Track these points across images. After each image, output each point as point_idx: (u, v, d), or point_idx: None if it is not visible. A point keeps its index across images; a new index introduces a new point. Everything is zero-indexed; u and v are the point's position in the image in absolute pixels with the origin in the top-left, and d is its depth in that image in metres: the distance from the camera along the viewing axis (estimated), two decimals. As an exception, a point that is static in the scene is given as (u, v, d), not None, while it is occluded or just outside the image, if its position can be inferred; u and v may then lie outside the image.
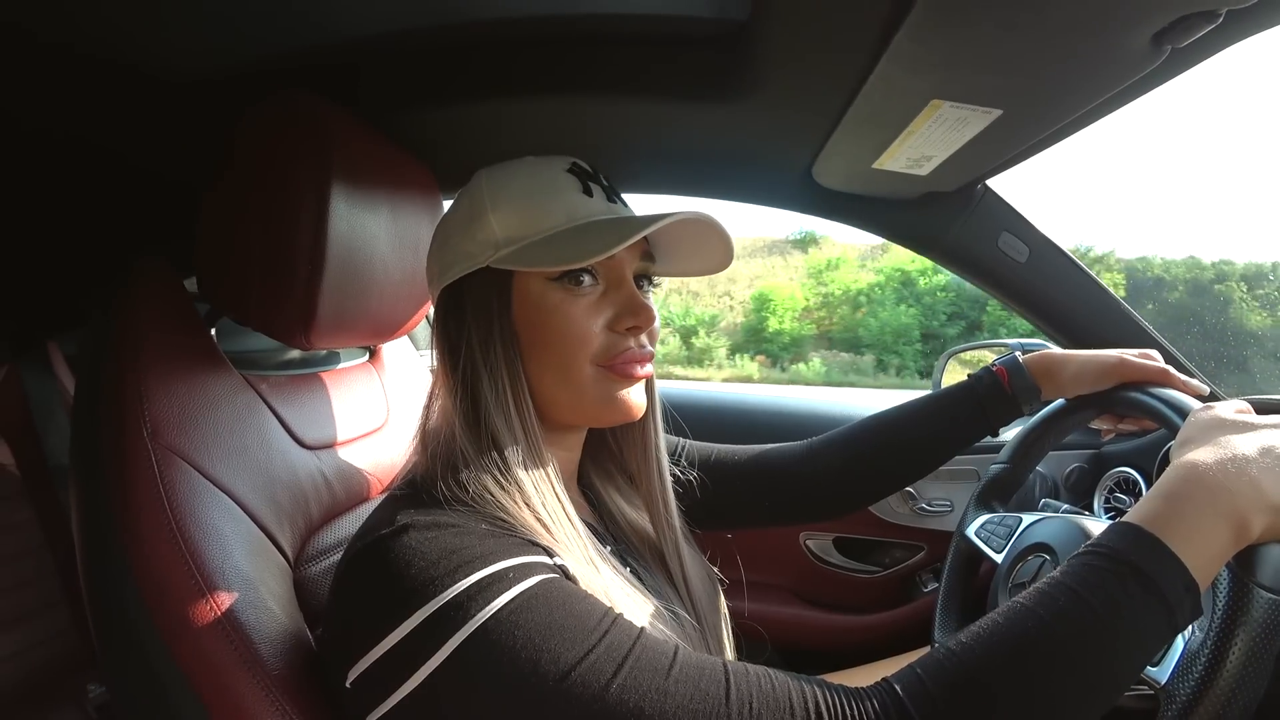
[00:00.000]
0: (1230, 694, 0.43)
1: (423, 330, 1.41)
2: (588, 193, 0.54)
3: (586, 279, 0.52)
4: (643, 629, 0.41)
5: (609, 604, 0.44)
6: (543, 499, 0.48)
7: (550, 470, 0.50)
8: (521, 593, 0.40)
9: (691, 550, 0.66)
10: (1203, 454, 0.45)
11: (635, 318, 0.52)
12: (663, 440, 0.63)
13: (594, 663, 0.38)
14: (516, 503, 0.46)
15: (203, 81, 0.70)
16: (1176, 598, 0.39)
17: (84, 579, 0.47)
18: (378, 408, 0.79)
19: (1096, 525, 0.63)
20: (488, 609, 0.39)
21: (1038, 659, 0.38)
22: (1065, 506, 0.84)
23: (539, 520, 0.46)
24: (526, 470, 0.48)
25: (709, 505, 0.72)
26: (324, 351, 0.81)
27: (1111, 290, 1.02)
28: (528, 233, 0.51)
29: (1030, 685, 0.38)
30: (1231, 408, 0.50)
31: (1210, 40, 0.54)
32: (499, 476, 0.47)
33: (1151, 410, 0.61)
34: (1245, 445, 0.45)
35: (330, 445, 0.68)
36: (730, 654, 0.65)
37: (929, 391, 0.79)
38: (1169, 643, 0.43)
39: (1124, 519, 0.43)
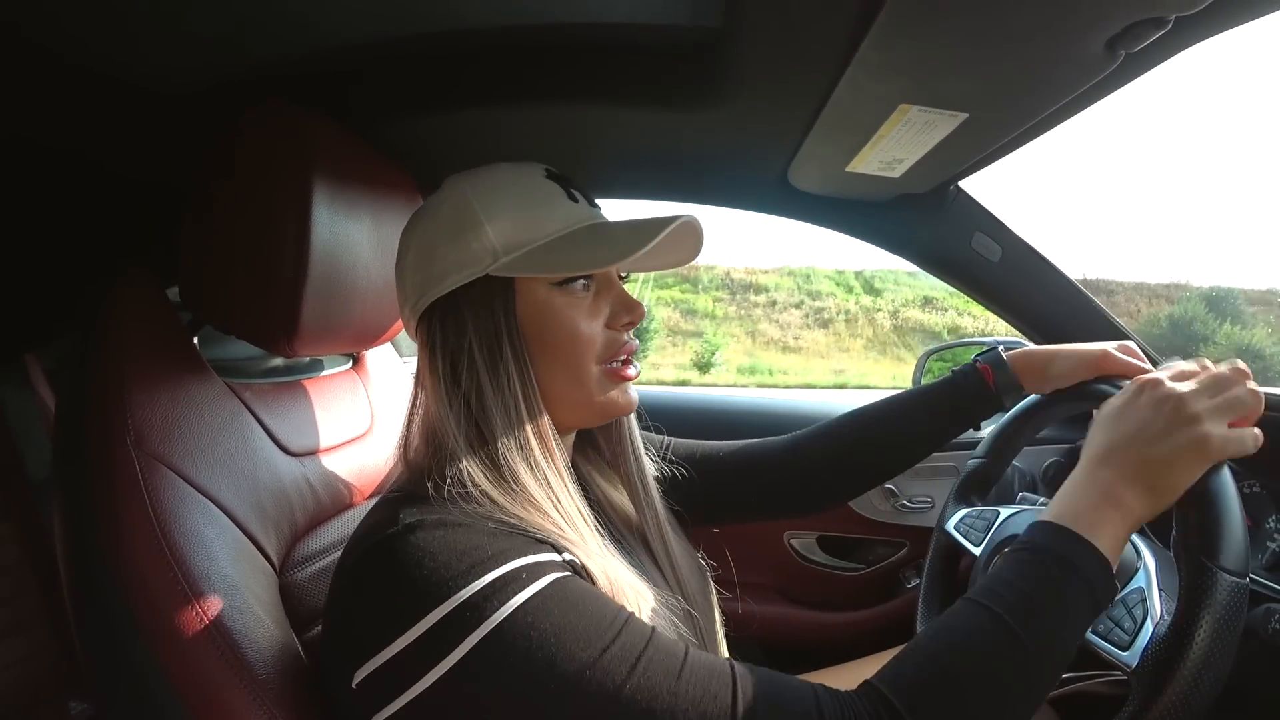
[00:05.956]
0: (1197, 675, 0.44)
1: (405, 337, 1.41)
2: (572, 199, 0.55)
3: (584, 283, 0.53)
4: (654, 629, 0.42)
5: (623, 600, 0.44)
6: (556, 501, 0.48)
7: (563, 469, 0.51)
8: (536, 592, 0.40)
9: (678, 537, 0.66)
10: (1094, 446, 0.51)
11: (630, 314, 0.55)
12: (635, 422, 0.65)
13: (608, 663, 0.38)
14: (524, 506, 0.46)
15: (187, 92, 0.70)
16: (1095, 576, 0.45)
17: (67, 587, 0.46)
18: (361, 414, 0.80)
19: None
20: (503, 609, 0.38)
21: (996, 647, 0.43)
22: (1042, 500, 0.86)
23: (550, 521, 0.47)
24: (537, 472, 0.49)
25: (697, 500, 0.72)
26: (307, 359, 0.81)
27: (1083, 288, 1.05)
28: (527, 239, 0.51)
29: (992, 672, 0.42)
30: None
31: (1161, 46, 0.56)
32: (505, 482, 0.47)
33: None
34: (1128, 428, 0.50)
35: (314, 452, 0.68)
36: (721, 642, 0.66)
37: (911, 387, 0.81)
38: (1096, 616, 0.47)
39: (1041, 518, 0.49)
